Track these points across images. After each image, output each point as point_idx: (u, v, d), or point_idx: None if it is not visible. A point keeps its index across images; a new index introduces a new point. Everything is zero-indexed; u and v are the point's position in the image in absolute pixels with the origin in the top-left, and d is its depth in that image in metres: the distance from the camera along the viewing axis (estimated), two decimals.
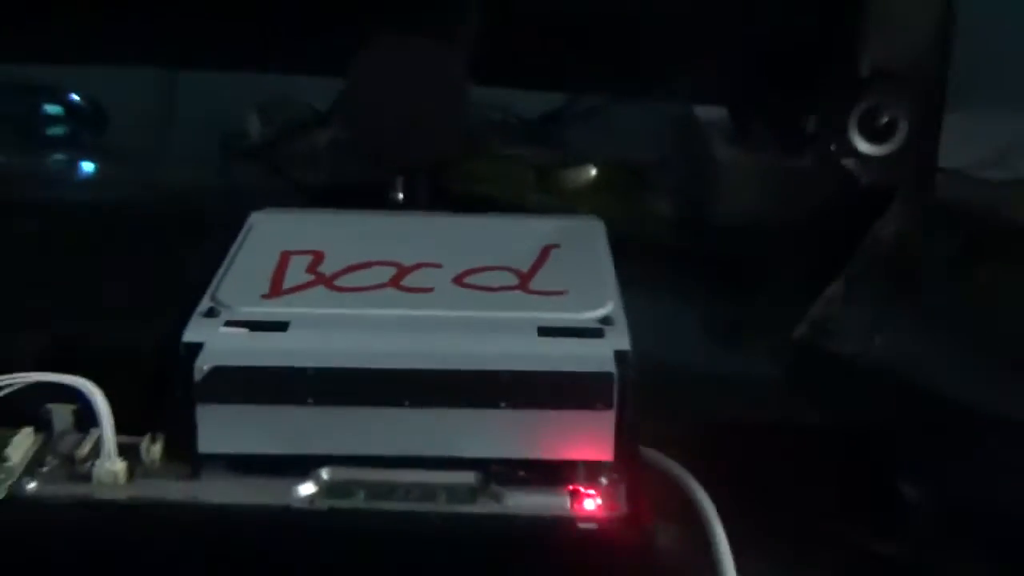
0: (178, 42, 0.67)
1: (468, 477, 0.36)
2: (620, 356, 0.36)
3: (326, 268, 0.40)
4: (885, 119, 0.58)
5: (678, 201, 0.69)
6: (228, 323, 0.37)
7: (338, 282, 0.39)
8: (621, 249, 0.44)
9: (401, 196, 0.61)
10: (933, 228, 0.50)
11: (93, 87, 0.76)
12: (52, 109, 0.76)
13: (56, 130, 0.76)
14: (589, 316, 0.38)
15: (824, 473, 0.41)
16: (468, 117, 0.61)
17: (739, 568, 0.36)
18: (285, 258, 0.41)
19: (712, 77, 0.65)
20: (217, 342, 0.36)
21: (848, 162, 0.58)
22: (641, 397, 0.37)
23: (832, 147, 0.58)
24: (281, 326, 0.36)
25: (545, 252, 0.42)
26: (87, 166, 0.76)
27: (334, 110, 0.69)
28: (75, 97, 0.76)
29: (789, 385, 0.42)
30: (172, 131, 0.75)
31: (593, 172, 0.68)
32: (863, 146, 0.58)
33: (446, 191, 0.64)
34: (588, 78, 0.69)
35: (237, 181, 0.71)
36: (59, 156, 0.75)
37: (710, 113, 0.71)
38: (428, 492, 0.35)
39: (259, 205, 0.46)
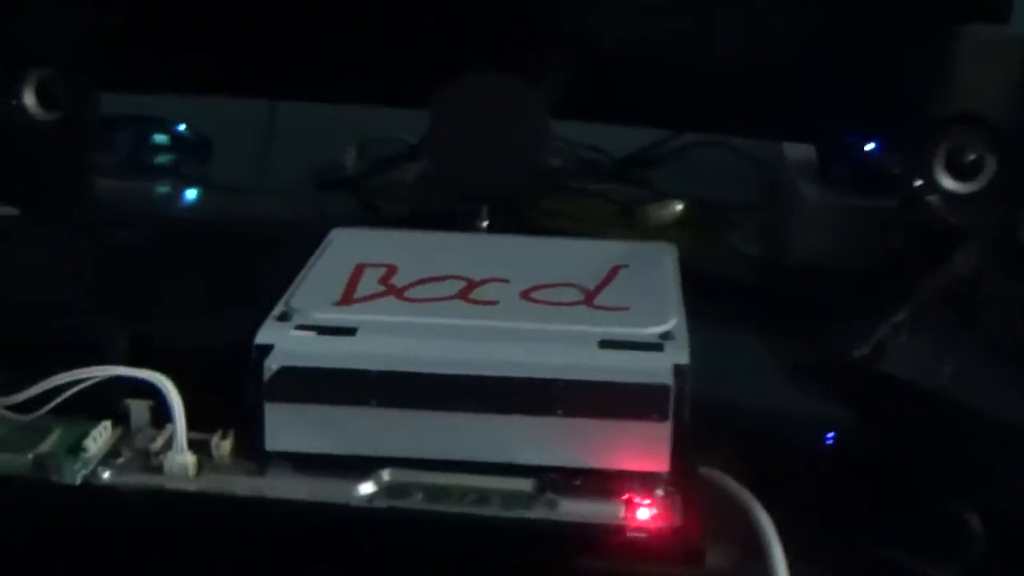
0: (280, 76, 0.70)
1: (524, 483, 0.36)
2: (678, 370, 0.36)
3: (398, 280, 0.41)
4: (971, 157, 0.57)
5: (761, 240, 0.69)
6: (299, 327, 0.38)
7: (408, 293, 0.41)
8: (700, 286, 0.44)
9: (486, 227, 0.62)
10: (1011, 267, 0.49)
11: (199, 119, 0.79)
12: (160, 139, 0.79)
13: (163, 158, 0.79)
14: (650, 331, 0.38)
15: (882, 499, 0.41)
16: (548, 152, 0.63)
17: None
18: (359, 270, 0.42)
19: (800, 117, 0.65)
20: (287, 344, 0.37)
21: (932, 199, 0.58)
22: (708, 418, 0.37)
23: (916, 184, 0.58)
24: (349, 331, 0.38)
25: (613, 272, 0.43)
26: (190, 193, 0.78)
27: (423, 144, 0.71)
28: (181, 128, 0.80)
29: (843, 403, 0.42)
30: (271, 162, 0.77)
31: (679, 208, 0.69)
32: (948, 184, 0.58)
33: (530, 225, 0.66)
34: (677, 117, 0.69)
35: (329, 211, 0.73)
36: (164, 183, 0.78)
37: (799, 153, 0.71)
38: (484, 497, 0.36)
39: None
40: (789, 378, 0.52)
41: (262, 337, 0.37)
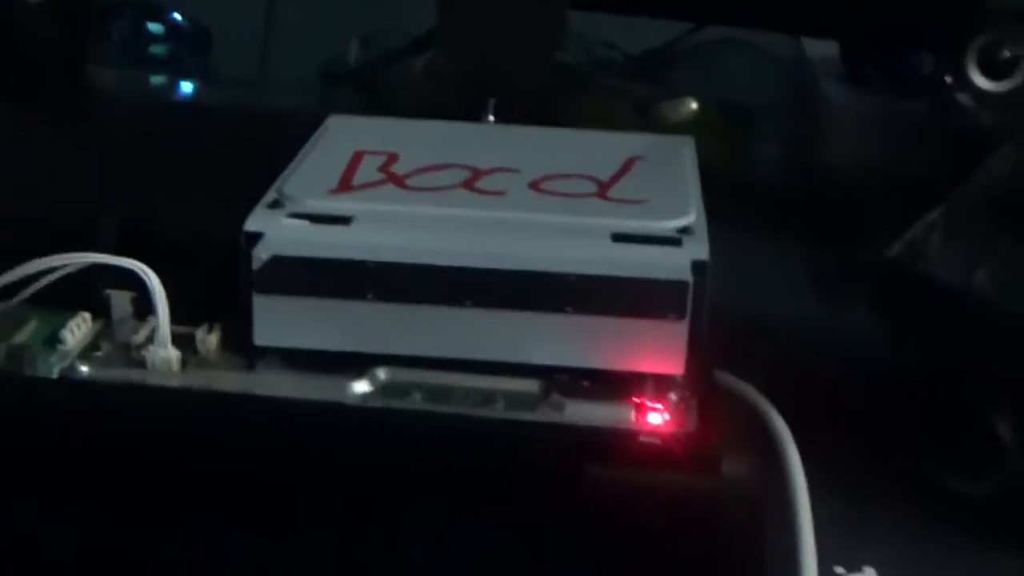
0: None
1: (530, 384, 0.34)
2: (697, 266, 0.34)
3: (399, 168, 0.39)
4: (1006, 54, 0.55)
5: (784, 142, 0.66)
6: (291, 215, 0.35)
7: (409, 181, 0.38)
8: (718, 187, 0.42)
9: (492, 120, 0.60)
10: None
11: (197, 8, 0.76)
12: (154, 28, 0.76)
13: (158, 49, 0.76)
14: (667, 225, 0.36)
15: (912, 410, 0.38)
16: (560, 43, 0.60)
17: (813, 503, 0.34)
18: (357, 157, 0.39)
19: (825, 11, 0.62)
20: (278, 232, 0.35)
21: (964, 99, 0.55)
22: (726, 322, 0.35)
23: (948, 81, 0.55)
24: (345, 220, 0.35)
25: (628, 163, 0.40)
26: (186, 85, 0.76)
27: (432, 35, 0.68)
28: (177, 16, 0.76)
29: (875, 306, 0.40)
30: (272, 54, 0.74)
31: (694, 106, 0.66)
32: (981, 83, 0.55)
33: (539, 122, 0.63)
34: (695, 9, 0.66)
35: (332, 104, 0.70)
36: (160, 74, 0.75)
37: (822, 51, 0.68)
38: (487, 398, 0.34)
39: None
40: (813, 283, 0.50)
41: (252, 224, 0.35)
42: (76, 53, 0.60)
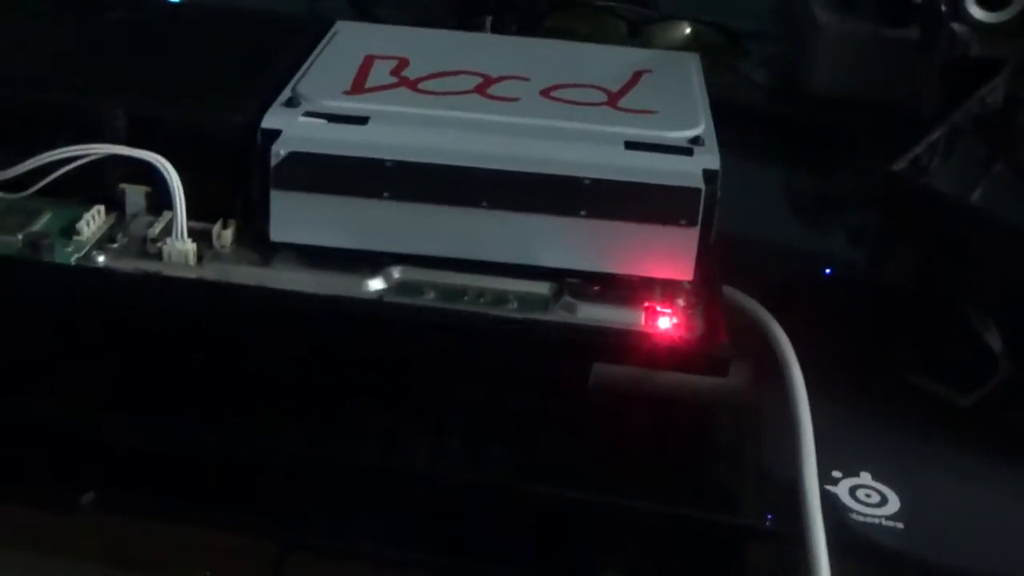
0: None
1: (542, 286, 0.35)
2: (709, 175, 0.35)
3: (410, 73, 0.39)
4: None
5: (774, 67, 0.67)
6: (308, 113, 0.36)
7: (422, 86, 0.38)
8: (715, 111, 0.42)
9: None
10: None
11: None
12: None
13: None
14: (679, 134, 0.36)
15: (909, 325, 0.39)
16: None
17: (813, 413, 0.34)
18: (369, 61, 0.40)
19: None
20: (295, 130, 0.35)
21: (959, 28, 0.55)
22: (730, 236, 0.36)
23: (943, 10, 0.55)
24: (361, 120, 0.35)
25: (637, 76, 0.40)
26: None
27: None
28: None
29: (883, 218, 0.41)
30: None
31: (687, 31, 0.66)
32: (976, 12, 0.55)
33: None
34: None
35: (321, 15, 0.70)
36: None
37: None
38: (499, 298, 0.35)
39: None
40: (810, 202, 0.51)
41: (269, 122, 0.35)
42: None
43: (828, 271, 0.46)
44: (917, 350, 0.39)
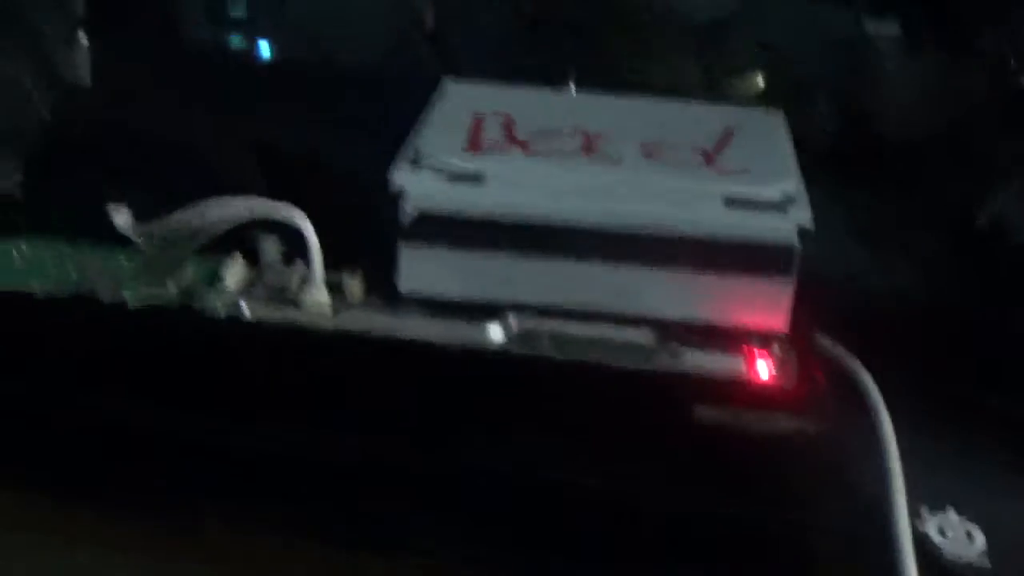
0: None
1: (647, 334, 0.38)
2: (802, 232, 0.37)
3: (518, 131, 0.42)
4: None
5: (846, 111, 0.69)
6: (431, 172, 0.39)
7: (531, 145, 0.41)
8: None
9: (573, 88, 0.63)
10: None
11: None
12: None
13: (238, 11, 0.79)
14: (773, 192, 0.39)
15: (990, 353, 0.42)
16: (643, 14, 0.62)
17: (900, 444, 0.37)
18: (479, 119, 0.43)
19: None
20: (421, 188, 0.38)
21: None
22: (819, 282, 0.38)
23: (1012, 64, 0.58)
24: (479, 178, 0.39)
25: (728, 134, 0.43)
26: (264, 45, 0.78)
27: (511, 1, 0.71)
28: None
29: (960, 277, 0.43)
30: (349, 13, 0.76)
31: (760, 79, 0.69)
32: None
33: (616, 88, 0.66)
34: None
35: (407, 64, 0.73)
36: (238, 34, 0.78)
37: (882, 25, 0.70)
38: (608, 345, 0.37)
39: (430, 84, 0.48)
40: (892, 244, 0.53)
41: (397, 180, 0.38)
42: (173, 17, 0.63)
43: (905, 306, 0.49)
44: (1004, 394, 0.41)
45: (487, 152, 0.40)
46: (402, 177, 0.38)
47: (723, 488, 0.36)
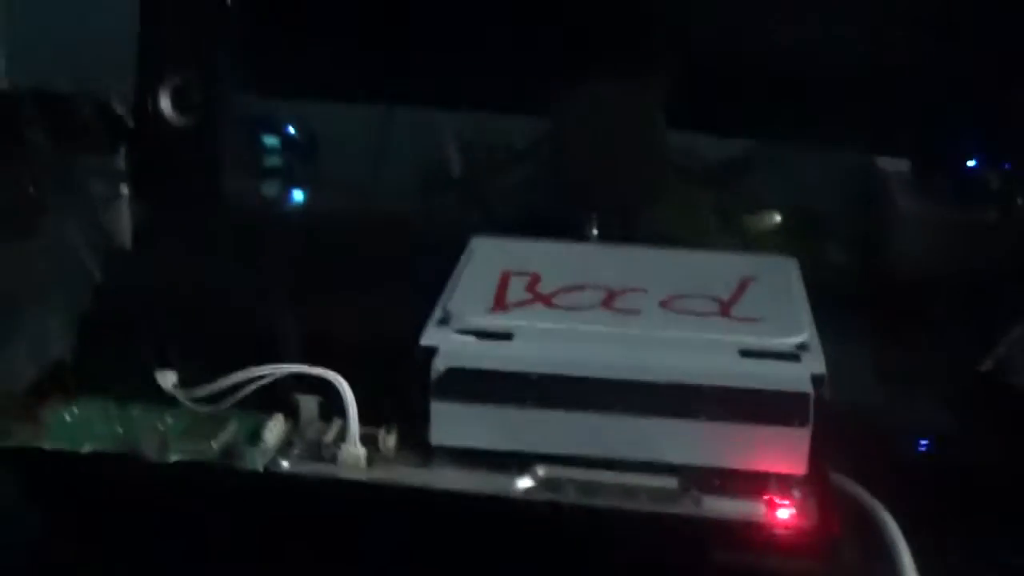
0: (388, 79, 0.72)
1: (669, 481, 0.39)
2: (816, 379, 0.39)
3: (543, 288, 0.44)
4: None
5: (858, 250, 0.71)
6: (459, 331, 0.41)
7: (555, 300, 0.43)
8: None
9: (596, 233, 0.65)
10: None
11: (309, 120, 0.82)
12: (270, 141, 0.82)
13: (273, 161, 0.82)
14: (787, 341, 0.41)
15: (1005, 506, 0.43)
16: (663, 158, 0.65)
17: None
18: (506, 277, 0.45)
19: (895, 129, 0.67)
20: (450, 347, 0.40)
21: None
22: (834, 425, 0.40)
23: (1019, 201, 0.60)
24: (506, 336, 0.41)
25: (744, 283, 0.45)
26: (297, 194, 0.82)
27: (533, 149, 0.74)
28: (291, 130, 0.83)
29: (973, 418, 0.45)
30: (379, 163, 0.80)
31: (778, 219, 0.71)
32: None
33: (635, 231, 0.68)
34: (772, 126, 0.72)
35: (436, 212, 0.76)
36: (272, 183, 0.81)
37: (893, 164, 0.73)
38: (632, 492, 0.39)
39: (457, 234, 0.50)
40: (904, 387, 0.55)
41: (427, 340, 0.40)
42: (213, 170, 0.66)
43: (923, 444, 0.50)
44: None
45: (513, 310, 0.42)
46: (432, 337, 0.40)
47: None
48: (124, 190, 0.68)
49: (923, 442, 0.50)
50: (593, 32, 0.66)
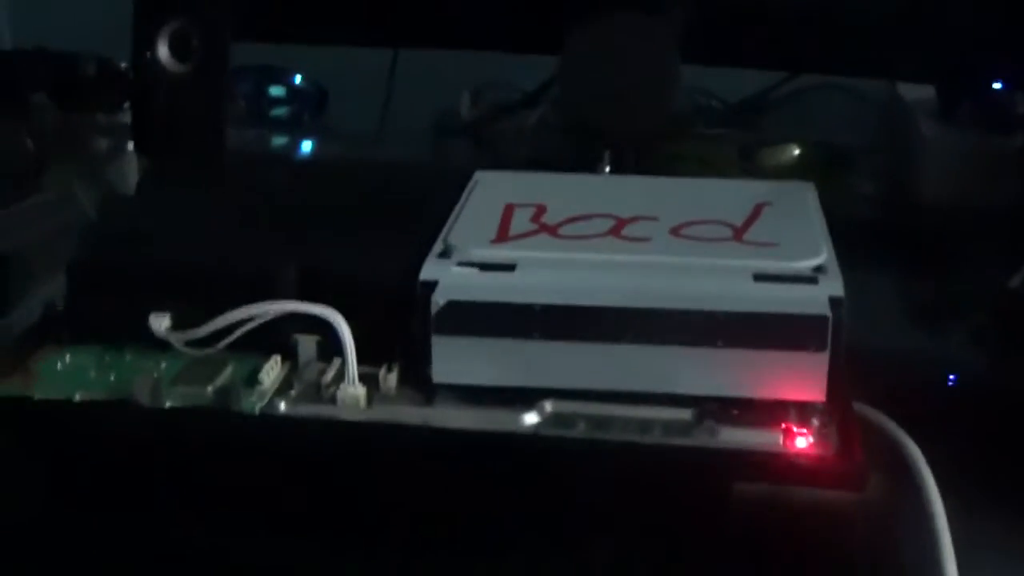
0: (395, 24, 0.71)
1: (684, 413, 0.37)
2: (834, 301, 0.37)
3: (548, 219, 0.42)
4: None
5: (882, 181, 0.69)
6: (460, 263, 0.39)
7: (561, 231, 0.42)
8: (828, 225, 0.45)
9: (608, 169, 0.63)
10: None
11: (315, 70, 0.80)
12: (276, 91, 0.81)
13: (279, 111, 0.81)
14: (803, 264, 0.39)
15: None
16: (676, 93, 0.63)
17: (951, 522, 0.36)
18: (510, 209, 0.43)
19: (919, 55, 0.65)
20: (451, 279, 0.38)
21: None
22: (857, 354, 0.38)
23: None
24: (509, 267, 0.39)
25: (758, 209, 0.43)
26: (307, 144, 0.80)
27: (544, 90, 0.72)
28: (297, 80, 0.81)
29: (1002, 343, 0.43)
30: (388, 110, 0.78)
31: (796, 152, 0.69)
32: None
33: (650, 170, 0.66)
34: (794, 57, 0.70)
35: (447, 158, 0.75)
36: (281, 133, 0.80)
37: (916, 92, 0.71)
38: (645, 426, 0.37)
39: (467, 178, 0.48)
40: (930, 315, 0.53)
41: (427, 273, 0.39)
42: (214, 118, 0.64)
43: (952, 378, 0.48)
44: None
45: (517, 241, 0.41)
46: (431, 270, 0.39)
47: (766, 566, 0.36)
48: (129, 146, 0.67)
49: (952, 376, 0.48)
50: None
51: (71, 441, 0.37)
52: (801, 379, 0.37)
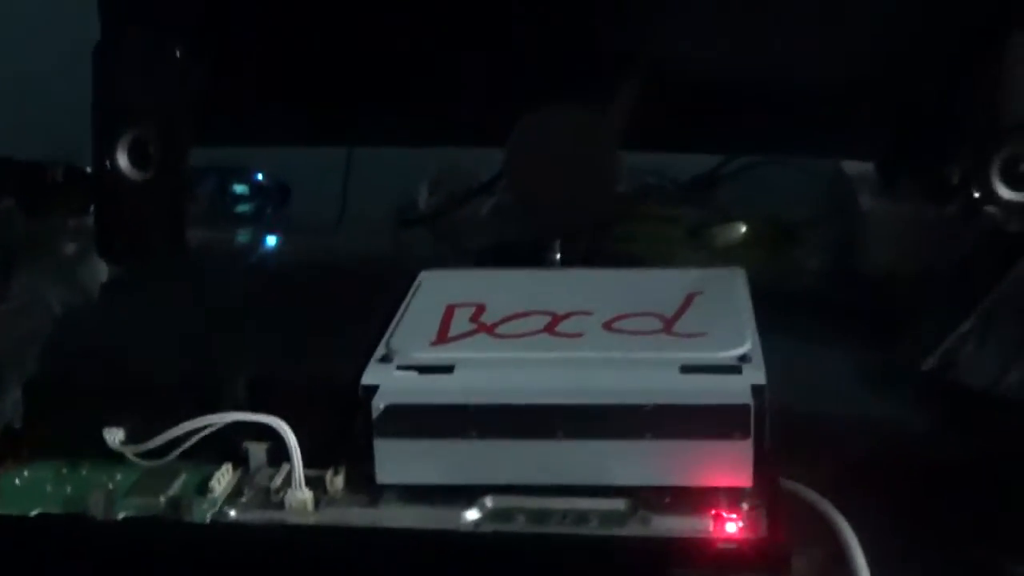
0: (353, 123, 0.73)
1: (619, 503, 0.39)
2: (756, 390, 0.39)
3: (487, 318, 0.44)
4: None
5: (827, 254, 0.71)
6: (400, 367, 0.41)
7: (498, 330, 0.43)
8: (771, 302, 0.47)
9: (559, 257, 0.65)
10: None
11: (277, 167, 0.82)
12: (240, 188, 0.83)
13: (243, 207, 0.83)
14: (728, 355, 0.41)
15: (961, 501, 0.43)
16: (619, 182, 0.65)
17: None
18: (450, 310, 0.45)
19: (859, 133, 0.68)
20: (391, 383, 0.40)
21: (991, 209, 0.60)
22: (786, 432, 0.40)
23: (976, 195, 0.60)
24: (447, 369, 0.41)
25: (689, 299, 0.45)
26: (271, 239, 0.82)
27: (499, 177, 0.74)
28: (260, 177, 0.83)
29: (916, 414, 0.44)
30: (348, 203, 0.80)
31: (743, 230, 0.71)
32: (1005, 193, 0.60)
33: (601, 252, 0.68)
34: (739, 139, 0.72)
35: (408, 248, 0.76)
36: (245, 230, 0.82)
37: (857, 168, 0.73)
38: (581, 517, 0.39)
39: (427, 267, 0.50)
40: (862, 389, 0.54)
41: (368, 378, 0.40)
42: (174, 222, 0.66)
43: (881, 450, 0.50)
44: (978, 526, 0.42)
45: (455, 342, 0.42)
46: (373, 375, 0.40)
47: None
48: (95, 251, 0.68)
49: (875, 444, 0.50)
50: (549, 62, 0.67)
51: (28, 557, 0.39)
52: (728, 466, 0.39)
